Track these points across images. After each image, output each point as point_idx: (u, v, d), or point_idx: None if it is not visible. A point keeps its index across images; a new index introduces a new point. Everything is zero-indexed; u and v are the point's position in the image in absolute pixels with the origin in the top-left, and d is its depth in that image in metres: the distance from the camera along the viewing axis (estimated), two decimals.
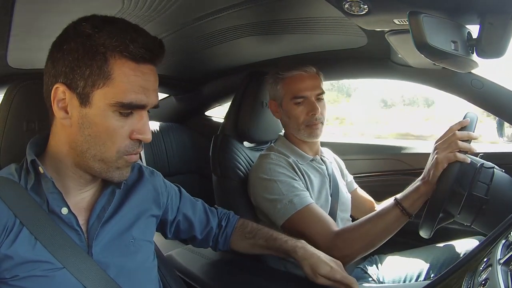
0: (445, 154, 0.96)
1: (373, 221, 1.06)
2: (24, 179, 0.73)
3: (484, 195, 0.93)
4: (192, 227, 1.00)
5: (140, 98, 0.69)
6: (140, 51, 0.67)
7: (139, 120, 0.71)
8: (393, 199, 1.05)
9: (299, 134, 1.27)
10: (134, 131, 0.71)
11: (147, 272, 0.85)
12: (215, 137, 1.40)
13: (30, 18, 0.90)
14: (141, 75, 0.69)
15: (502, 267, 0.56)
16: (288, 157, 1.24)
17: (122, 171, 0.73)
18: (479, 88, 1.31)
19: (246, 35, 1.33)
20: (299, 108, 1.24)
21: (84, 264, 0.71)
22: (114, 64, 0.67)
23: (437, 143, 1.01)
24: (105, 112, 0.68)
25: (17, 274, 0.67)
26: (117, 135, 0.70)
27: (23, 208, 0.69)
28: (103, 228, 0.76)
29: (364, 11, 0.92)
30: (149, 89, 0.70)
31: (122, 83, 0.67)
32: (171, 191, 0.96)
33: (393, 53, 1.34)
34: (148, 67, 0.70)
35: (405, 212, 1.01)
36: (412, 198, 1.02)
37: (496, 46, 0.85)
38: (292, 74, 1.25)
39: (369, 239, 1.06)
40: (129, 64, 0.68)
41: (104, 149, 0.70)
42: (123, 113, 0.69)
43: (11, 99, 0.82)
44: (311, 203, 1.13)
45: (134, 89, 0.68)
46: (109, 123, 0.69)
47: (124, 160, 0.72)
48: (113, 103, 0.67)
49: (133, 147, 0.72)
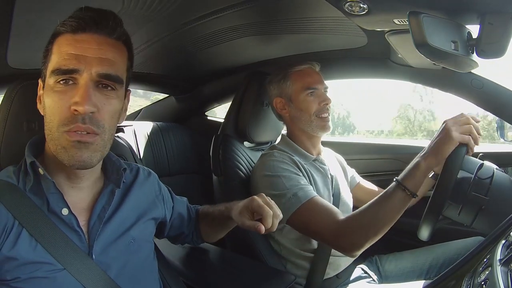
0: (461, 133, 0.94)
1: (377, 206, 1.02)
2: (23, 181, 0.73)
3: (484, 195, 0.93)
4: (183, 224, 1.02)
5: (69, 63, 0.68)
6: (74, 22, 0.69)
7: (78, 90, 0.68)
8: (394, 179, 1.01)
9: (310, 126, 1.27)
10: (72, 103, 0.68)
11: (148, 272, 0.85)
12: (215, 137, 1.40)
13: (30, 18, 0.90)
14: (75, 43, 0.69)
15: (502, 267, 0.56)
16: (292, 155, 1.24)
17: (69, 152, 0.68)
18: (479, 88, 1.31)
19: (246, 35, 1.33)
20: (311, 99, 1.27)
21: (84, 265, 0.71)
22: (55, 42, 0.71)
23: (449, 121, 0.97)
24: (49, 87, 0.70)
25: (18, 276, 0.67)
26: (56, 108, 0.68)
27: (22, 210, 0.69)
28: (104, 228, 0.76)
29: (364, 11, 0.93)
30: (86, 56, 0.69)
31: (56, 54, 0.70)
32: (164, 192, 0.96)
33: (393, 53, 1.34)
34: (86, 35, 0.70)
35: (408, 192, 0.98)
36: (414, 175, 0.99)
37: (496, 46, 0.85)
38: (302, 68, 1.30)
39: (375, 224, 1.01)
40: (65, 37, 0.70)
41: (49, 126, 0.70)
42: (60, 82, 0.68)
43: (11, 99, 0.82)
44: (315, 196, 1.12)
45: (64, 56, 0.69)
46: (51, 97, 0.70)
47: (65, 138, 0.68)
48: (49, 74, 0.69)
49: (72, 121, 0.67)
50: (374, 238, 1.02)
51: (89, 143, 0.69)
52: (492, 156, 1.10)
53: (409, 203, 1.00)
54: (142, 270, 0.82)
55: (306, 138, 1.31)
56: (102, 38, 0.71)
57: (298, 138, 1.31)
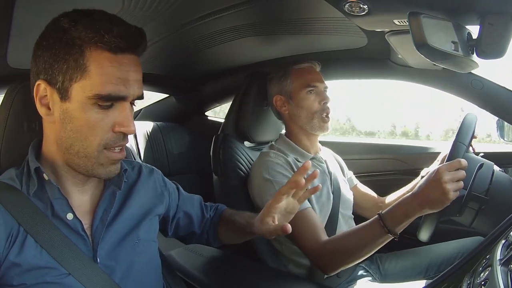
0: (456, 192, 0.88)
1: (357, 235, 1.03)
2: (26, 184, 0.72)
3: (484, 195, 0.93)
4: (192, 223, 0.99)
5: (118, 89, 0.67)
6: (115, 41, 0.65)
7: (120, 112, 0.69)
8: (377, 213, 0.98)
9: (310, 124, 1.28)
10: (116, 124, 0.69)
11: (153, 273, 0.85)
12: (216, 137, 1.40)
13: (30, 18, 0.90)
14: (119, 65, 0.67)
15: (502, 267, 0.56)
16: (287, 156, 1.24)
17: (107, 168, 0.71)
18: (479, 88, 1.31)
19: (246, 35, 1.33)
20: (312, 97, 1.28)
21: (89, 269, 0.71)
22: (90, 56, 0.65)
23: (444, 170, 0.89)
24: (84, 105, 0.67)
25: (24, 282, 0.67)
26: (97, 128, 0.68)
27: (26, 215, 0.69)
28: (107, 231, 0.76)
29: (364, 12, 0.93)
30: (129, 80, 0.68)
31: (99, 75, 0.66)
32: (170, 188, 0.96)
33: (393, 54, 1.34)
34: (126, 57, 0.68)
35: (386, 229, 0.95)
36: (395, 214, 0.95)
37: (496, 47, 0.85)
38: (303, 66, 1.31)
39: (353, 252, 1.03)
40: (105, 55, 0.66)
41: (86, 144, 0.68)
42: (102, 105, 0.67)
43: (12, 99, 0.82)
44: (304, 209, 1.13)
45: (112, 80, 0.66)
46: (89, 116, 0.67)
47: (105, 156, 0.70)
48: (91, 96, 0.66)
49: (115, 140, 0.70)
50: (350, 264, 1.07)
51: (123, 158, 0.74)
52: (492, 156, 1.10)
53: (387, 239, 0.98)
54: (147, 271, 0.82)
55: (304, 136, 1.31)
56: (136, 59, 0.70)
57: (296, 136, 1.32)
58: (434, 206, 0.90)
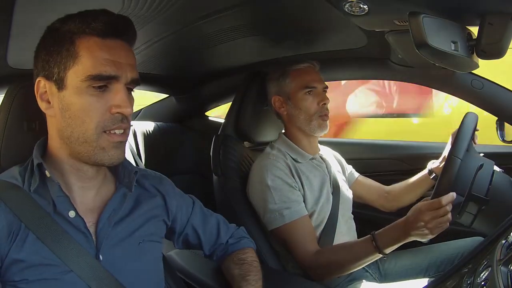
0: (440, 227, 0.94)
1: (348, 250, 1.11)
2: (28, 181, 0.73)
3: (484, 196, 0.93)
4: (200, 243, 0.96)
5: (109, 69, 0.69)
6: (101, 25, 0.69)
7: (115, 93, 0.70)
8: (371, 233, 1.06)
9: (309, 126, 1.28)
10: (112, 106, 0.70)
11: (155, 273, 0.84)
12: (216, 137, 1.40)
13: (30, 18, 0.90)
14: (108, 49, 0.70)
15: (502, 267, 0.56)
16: (286, 158, 1.25)
17: (109, 152, 0.72)
18: (479, 88, 1.31)
19: (246, 35, 1.32)
20: (310, 98, 1.27)
21: (91, 266, 0.71)
22: (80, 43, 0.69)
23: (425, 211, 0.94)
24: (79, 89, 0.69)
25: (26, 278, 0.67)
26: (93, 110, 0.69)
27: (28, 213, 0.69)
28: (113, 230, 0.76)
29: (364, 12, 0.92)
30: (120, 62, 0.70)
31: (89, 58, 0.69)
32: (181, 200, 0.93)
33: (393, 53, 1.34)
34: (115, 42, 0.71)
35: (375, 247, 1.03)
36: (388, 234, 1.03)
37: (496, 47, 0.85)
38: (302, 66, 1.31)
39: (342, 266, 1.11)
40: (94, 39, 0.69)
41: (84, 128, 0.70)
42: (96, 87, 0.69)
43: (12, 99, 0.82)
44: (300, 217, 1.16)
45: (102, 61, 0.69)
46: (84, 99, 0.69)
47: (105, 139, 0.71)
48: (84, 78, 0.68)
49: (113, 122, 0.71)
50: (339, 275, 1.14)
51: (125, 141, 0.74)
52: (492, 156, 1.10)
53: (376, 257, 1.07)
54: (149, 271, 0.82)
55: (303, 136, 1.31)
56: (126, 45, 0.73)
57: (295, 137, 1.32)
58: (422, 238, 0.98)
